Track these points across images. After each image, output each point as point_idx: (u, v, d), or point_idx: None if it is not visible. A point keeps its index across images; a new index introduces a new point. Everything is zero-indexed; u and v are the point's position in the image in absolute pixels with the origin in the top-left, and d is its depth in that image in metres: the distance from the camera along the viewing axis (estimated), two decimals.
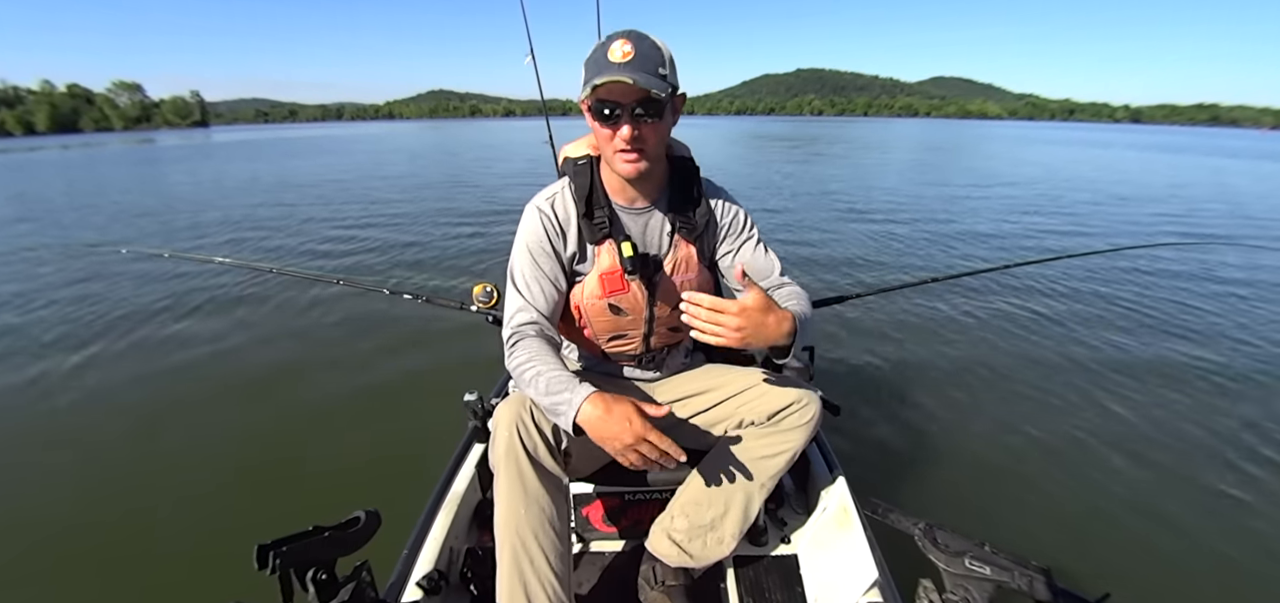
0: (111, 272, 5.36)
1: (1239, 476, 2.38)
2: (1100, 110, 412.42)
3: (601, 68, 0.98)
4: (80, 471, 2.47)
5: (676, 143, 1.20)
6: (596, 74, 0.98)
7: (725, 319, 0.96)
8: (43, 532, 2.10)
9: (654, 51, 0.99)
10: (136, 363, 3.49)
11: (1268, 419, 2.79)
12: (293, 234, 7.30)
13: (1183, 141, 45.08)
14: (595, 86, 0.97)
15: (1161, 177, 15.21)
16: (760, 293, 0.99)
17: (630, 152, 1.03)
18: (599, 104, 1.00)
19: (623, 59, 0.97)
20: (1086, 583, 1.79)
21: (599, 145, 1.09)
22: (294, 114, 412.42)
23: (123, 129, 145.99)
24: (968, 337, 3.77)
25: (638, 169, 1.05)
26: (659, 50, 1.00)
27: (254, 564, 0.81)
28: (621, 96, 0.99)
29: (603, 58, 0.98)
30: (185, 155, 25.83)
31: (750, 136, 37.96)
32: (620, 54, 0.98)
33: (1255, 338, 3.79)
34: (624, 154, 1.04)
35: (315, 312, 4.22)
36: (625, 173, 1.06)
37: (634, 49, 0.98)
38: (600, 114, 1.01)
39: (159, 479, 2.40)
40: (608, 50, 0.98)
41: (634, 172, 1.05)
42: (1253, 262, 5.74)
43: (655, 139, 1.04)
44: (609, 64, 0.97)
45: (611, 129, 1.02)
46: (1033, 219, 8.23)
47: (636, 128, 1.01)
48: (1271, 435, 2.65)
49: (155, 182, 14.46)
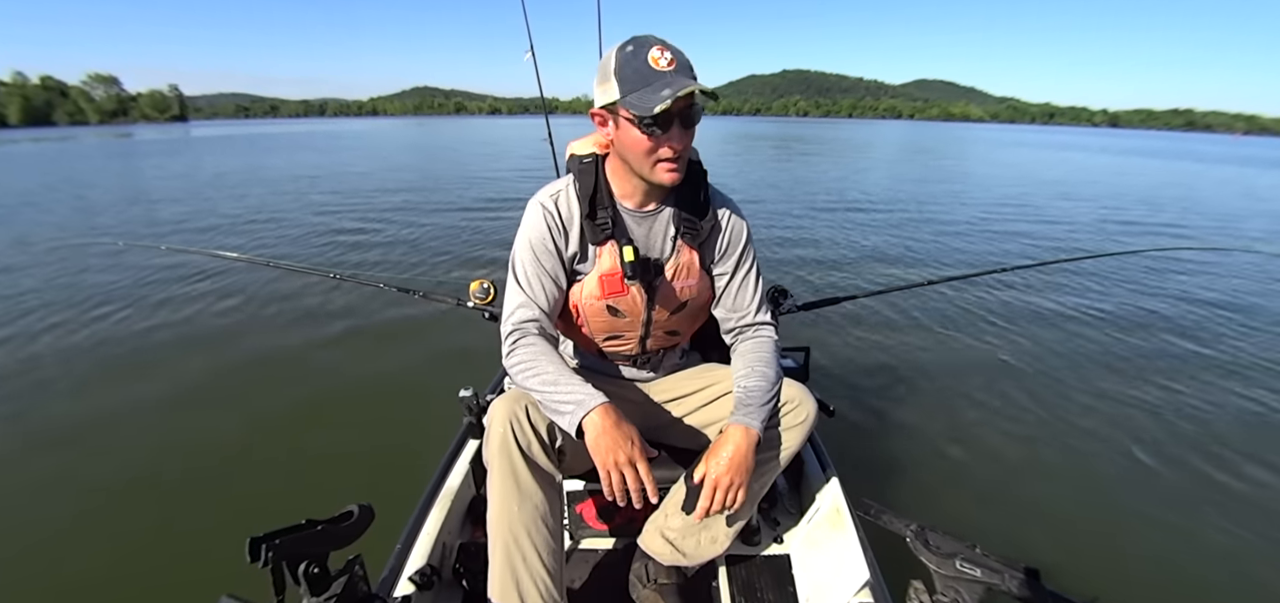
0: (106, 265, 5.33)
1: (1229, 479, 2.40)
2: (1079, 114, 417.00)
3: (660, 77, 0.94)
4: (73, 465, 2.45)
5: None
6: (661, 83, 0.94)
7: (728, 495, 1.03)
8: (35, 527, 2.09)
9: (684, 56, 0.98)
10: (128, 357, 3.47)
11: (1260, 423, 2.82)
12: (288, 229, 7.27)
13: (1159, 146, 45.70)
14: (680, 97, 0.92)
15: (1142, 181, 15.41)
16: (715, 450, 1.05)
17: (675, 162, 1.02)
18: (667, 114, 0.95)
19: (671, 67, 0.95)
20: (1077, 586, 1.81)
21: (634, 156, 1.02)
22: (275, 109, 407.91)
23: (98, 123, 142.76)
24: (961, 339, 3.79)
25: (679, 177, 1.04)
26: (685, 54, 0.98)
27: (246, 557, 0.81)
28: (691, 102, 0.97)
29: (646, 67, 0.95)
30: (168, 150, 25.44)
31: (738, 137, 37.94)
32: (666, 62, 0.95)
33: (1249, 340, 3.83)
34: (668, 164, 1.01)
35: (311, 306, 4.21)
36: (669, 182, 1.04)
37: (674, 54, 0.96)
38: (648, 125, 0.97)
39: (151, 472, 2.39)
40: (647, 58, 0.95)
41: (676, 180, 1.04)
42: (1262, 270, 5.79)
43: (690, 145, 1.04)
44: (667, 74, 0.94)
45: (660, 140, 0.98)
46: (1022, 223, 8.27)
47: (684, 137, 1.00)
48: (1263, 439, 2.67)
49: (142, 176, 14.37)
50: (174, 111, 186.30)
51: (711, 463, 1.05)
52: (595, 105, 1.04)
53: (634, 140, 1.00)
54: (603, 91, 1.01)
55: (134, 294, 4.48)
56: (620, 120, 1.00)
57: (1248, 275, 5.46)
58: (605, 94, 1.00)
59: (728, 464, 1.03)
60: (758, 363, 1.14)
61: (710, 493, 1.03)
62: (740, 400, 1.10)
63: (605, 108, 1.02)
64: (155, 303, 4.30)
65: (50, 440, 2.62)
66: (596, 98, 1.03)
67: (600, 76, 1.02)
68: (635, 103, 0.95)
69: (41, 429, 2.71)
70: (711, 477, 1.04)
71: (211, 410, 2.87)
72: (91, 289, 4.60)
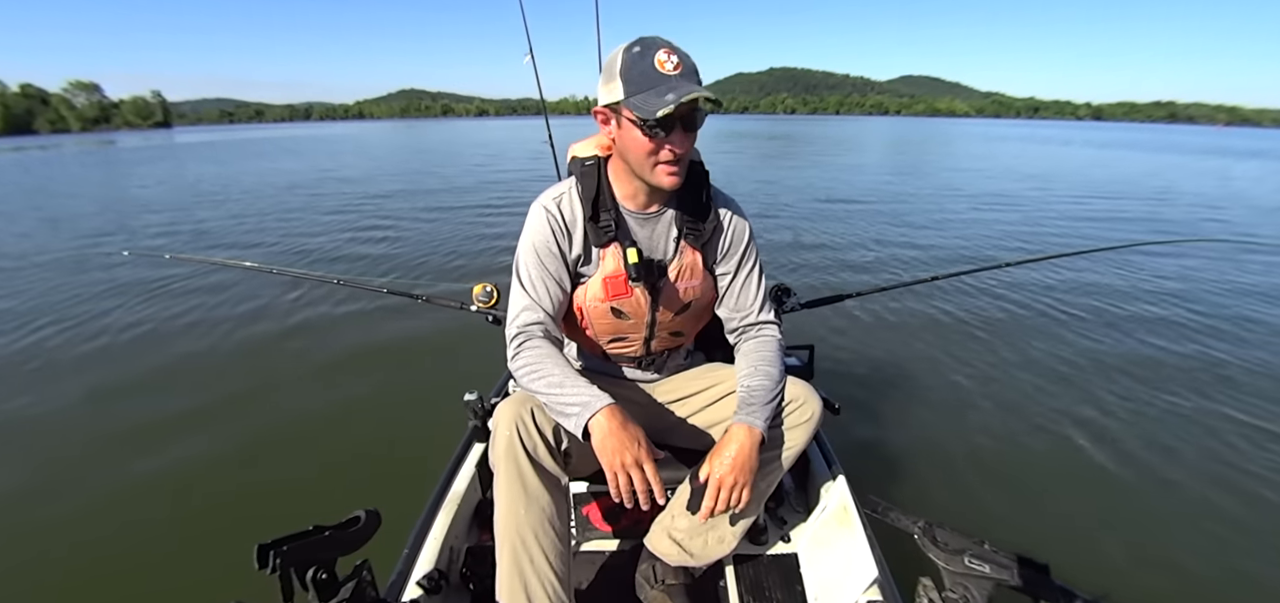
0: (110, 274, 5.35)
1: (1239, 475, 2.38)
2: (1064, 108, 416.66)
3: (666, 81, 0.94)
4: (79, 471, 2.47)
5: None
6: (667, 87, 0.93)
7: (733, 494, 1.03)
8: (41, 534, 2.11)
9: (691, 60, 0.98)
10: (133, 364, 3.49)
11: (1267, 418, 2.80)
12: (291, 235, 7.30)
13: (1145, 139, 45.57)
14: (684, 102, 0.92)
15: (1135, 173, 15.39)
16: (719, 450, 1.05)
17: (675, 166, 1.01)
18: (669, 119, 0.95)
19: (676, 71, 0.94)
20: (1085, 581, 1.78)
21: (635, 157, 1.02)
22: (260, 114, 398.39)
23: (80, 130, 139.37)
24: (967, 335, 3.77)
25: (680, 181, 1.04)
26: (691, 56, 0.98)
27: (254, 564, 0.81)
28: (694, 108, 0.97)
29: (652, 70, 0.94)
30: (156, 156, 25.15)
31: (728, 135, 37.75)
32: (673, 66, 0.94)
33: (1254, 337, 3.80)
34: (669, 167, 1.01)
35: (315, 311, 4.22)
36: (669, 186, 1.03)
37: (680, 58, 0.95)
38: (650, 128, 0.97)
39: (158, 479, 2.40)
40: (656, 62, 0.94)
41: (676, 184, 1.04)
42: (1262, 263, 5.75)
43: (691, 149, 1.04)
44: (672, 78, 0.94)
45: (662, 143, 0.98)
46: (1027, 217, 8.23)
47: (686, 141, 0.99)
48: (1271, 433, 2.65)
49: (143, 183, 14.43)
50: (158, 118, 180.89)
51: (715, 463, 1.04)
52: (599, 103, 1.04)
53: (635, 142, 1.00)
54: (607, 91, 1.01)
55: (138, 302, 4.49)
56: (623, 120, 1.00)
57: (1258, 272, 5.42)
58: (609, 93, 1.00)
59: (732, 464, 1.03)
60: (761, 362, 1.14)
61: (714, 493, 1.03)
62: (744, 400, 1.09)
63: (609, 106, 1.02)
64: (159, 310, 4.31)
65: (57, 447, 2.63)
66: (600, 96, 1.03)
67: (605, 75, 1.02)
68: (639, 104, 0.95)
69: (48, 436, 2.73)
70: (716, 477, 1.03)
71: (216, 417, 2.87)
72: (96, 297, 4.63)
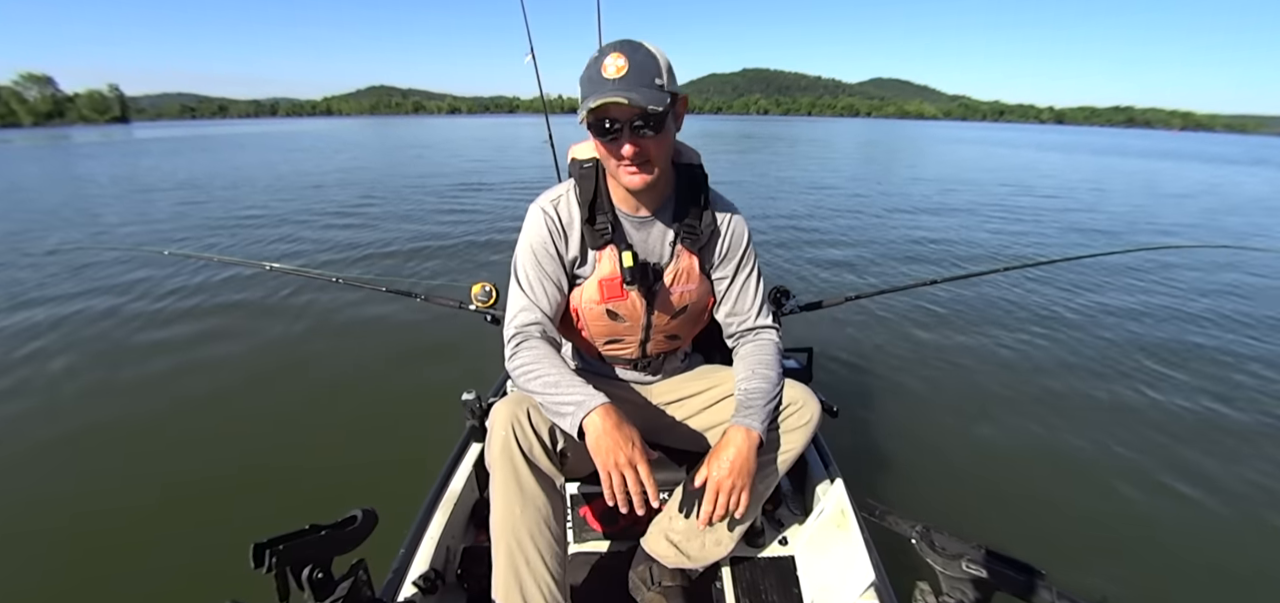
0: (104, 269, 5.34)
1: (1240, 482, 2.38)
2: (1027, 111, 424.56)
3: (596, 86, 0.95)
4: (74, 470, 2.46)
5: (686, 149, 1.16)
6: (591, 93, 0.95)
7: (731, 497, 1.03)
8: (38, 534, 2.10)
9: (649, 62, 0.96)
10: (129, 361, 3.48)
11: (1266, 426, 2.80)
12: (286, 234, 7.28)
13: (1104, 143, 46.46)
14: (591, 109, 0.95)
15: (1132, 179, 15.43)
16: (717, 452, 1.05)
17: (633, 166, 1.02)
18: (598, 121, 0.98)
19: (617, 75, 0.94)
20: (1083, 587, 1.79)
21: (602, 159, 1.06)
22: (224, 110, 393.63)
23: (32, 125, 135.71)
24: (965, 339, 3.77)
25: (643, 182, 1.03)
26: (654, 59, 0.96)
27: (250, 563, 0.80)
28: (619, 114, 0.97)
29: (597, 75, 0.96)
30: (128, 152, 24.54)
31: (701, 135, 37.58)
32: (614, 70, 0.94)
33: (1258, 342, 3.81)
34: (627, 168, 1.02)
35: (312, 310, 4.21)
36: (631, 186, 1.04)
37: (628, 62, 0.95)
38: (601, 131, 0.99)
39: (153, 478, 2.39)
40: (602, 66, 0.95)
41: (640, 184, 1.04)
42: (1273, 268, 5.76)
43: (658, 151, 1.02)
44: (604, 82, 0.94)
45: (613, 146, 1.00)
46: (1020, 221, 8.24)
47: (638, 143, 0.99)
48: (1272, 440, 2.66)
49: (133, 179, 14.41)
50: (115, 113, 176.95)
51: (713, 466, 1.04)
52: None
53: (596, 145, 1.04)
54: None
55: (135, 301, 4.48)
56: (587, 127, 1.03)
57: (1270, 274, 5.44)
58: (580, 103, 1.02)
59: (729, 467, 1.03)
60: (759, 365, 1.13)
61: (712, 496, 1.03)
62: (742, 403, 1.09)
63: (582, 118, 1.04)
64: (155, 309, 4.30)
65: (51, 446, 2.62)
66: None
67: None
68: (581, 109, 0.98)
69: (43, 435, 2.72)
70: (713, 480, 1.03)
71: (211, 416, 2.87)
72: (90, 296, 4.62)
